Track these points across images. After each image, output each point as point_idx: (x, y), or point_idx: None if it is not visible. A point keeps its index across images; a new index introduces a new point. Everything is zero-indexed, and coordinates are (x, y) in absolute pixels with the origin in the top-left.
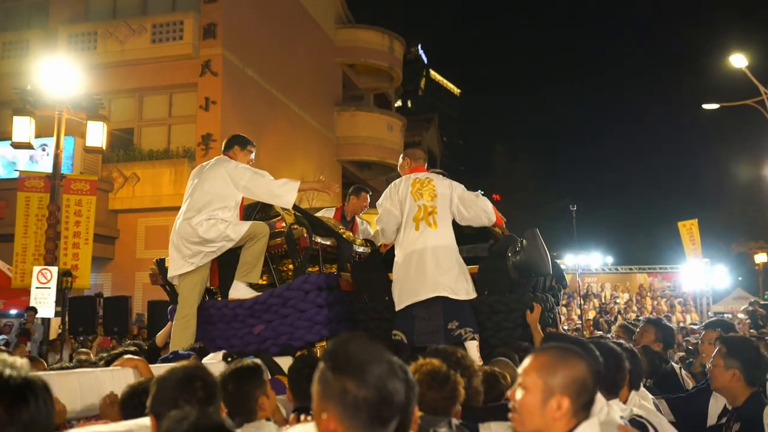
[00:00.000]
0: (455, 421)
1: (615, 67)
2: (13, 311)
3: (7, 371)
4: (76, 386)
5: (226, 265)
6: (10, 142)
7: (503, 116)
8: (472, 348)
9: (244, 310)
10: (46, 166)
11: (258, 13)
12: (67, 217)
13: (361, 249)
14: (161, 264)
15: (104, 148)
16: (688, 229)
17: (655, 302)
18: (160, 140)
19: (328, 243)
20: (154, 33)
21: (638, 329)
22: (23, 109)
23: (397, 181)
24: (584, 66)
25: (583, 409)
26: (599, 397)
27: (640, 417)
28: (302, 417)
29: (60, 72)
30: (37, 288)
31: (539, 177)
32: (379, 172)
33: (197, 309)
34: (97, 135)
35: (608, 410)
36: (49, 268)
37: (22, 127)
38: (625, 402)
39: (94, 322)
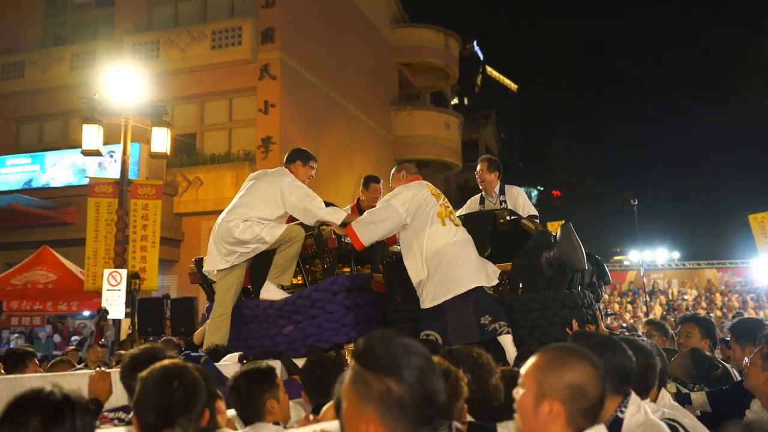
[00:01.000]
0: (457, 424)
1: (678, 55)
2: (86, 313)
3: (48, 387)
4: (82, 386)
5: (258, 265)
6: (80, 149)
7: (562, 111)
8: (508, 342)
9: (274, 311)
10: (113, 172)
11: (314, 15)
12: (135, 221)
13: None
14: (199, 263)
15: (168, 153)
16: (760, 222)
17: (726, 298)
18: (222, 144)
19: None
20: (214, 39)
21: (679, 331)
22: (92, 118)
23: (412, 184)
24: (645, 55)
25: (583, 416)
26: (634, 398)
27: (672, 420)
28: (311, 417)
29: (125, 81)
30: (107, 290)
31: (599, 172)
32: (437, 170)
33: (232, 309)
34: (161, 141)
35: (645, 411)
36: (119, 270)
37: (91, 135)
38: (654, 401)
39: (162, 322)
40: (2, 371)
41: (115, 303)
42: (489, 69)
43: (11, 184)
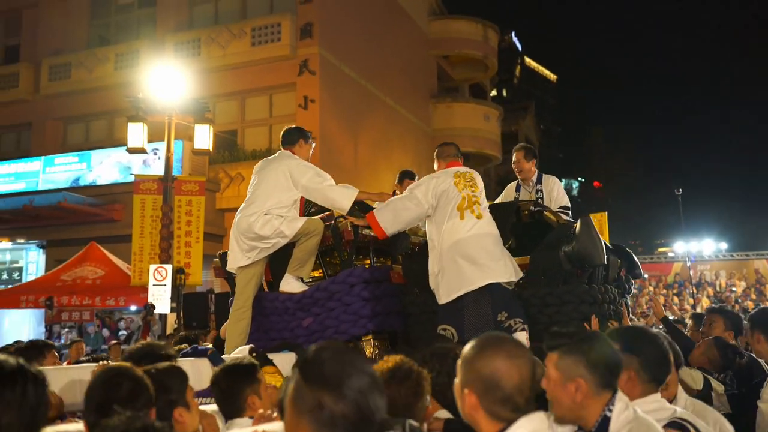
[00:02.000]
0: (412, 422)
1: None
2: (133, 307)
3: (3, 357)
4: (75, 380)
5: (279, 258)
6: (125, 147)
7: (602, 101)
8: (522, 339)
9: (293, 303)
10: (158, 169)
11: (352, 10)
12: (179, 217)
13: (419, 239)
14: (223, 257)
15: (211, 149)
16: None
17: None
18: (262, 140)
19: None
20: (254, 36)
21: (704, 321)
22: (136, 116)
23: (438, 173)
24: (687, 41)
25: (500, 406)
26: (621, 396)
27: (682, 419)
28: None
29: (168, 79)
30: (153, 285)
31: (641, 162)
32: (477, 163)
33: (254, 301)
34: (203, 137)
35: (634, 409)
36: (164, 266)
37: (136, 133)
38: (671, 400)
39: (207, 316)
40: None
41: (161, 298)
42: (528, 60)
43: (59, 183)
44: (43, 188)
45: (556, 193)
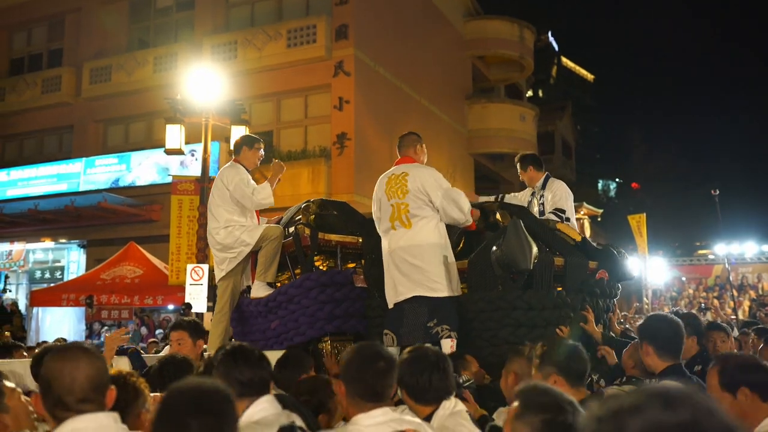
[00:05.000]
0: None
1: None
2: (171, 306)
3: None
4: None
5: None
6: (163, 149)
7: (640, 101)
8: (446, 347)
9: (262, 307)
10: (195, 170)
11: (387, 11)
12: None
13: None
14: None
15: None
16: None
17: None
18: (298, 141)
19: (349, 240)
20: (289, 38)
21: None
22: (174, 118)
23: (380, 177)
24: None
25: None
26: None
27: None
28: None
29: (205, 81)
30: (190, 285)
31: (680, 162)
32: (513, 163)
33: (236, 307)
34: None
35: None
36: (201, 266)
37: (174, 135)
38: None
39: None
40: None
41: (198, 297)
42: (564, 60)
43: (100, 184)
44: (84, 189)
45: (551, 195)
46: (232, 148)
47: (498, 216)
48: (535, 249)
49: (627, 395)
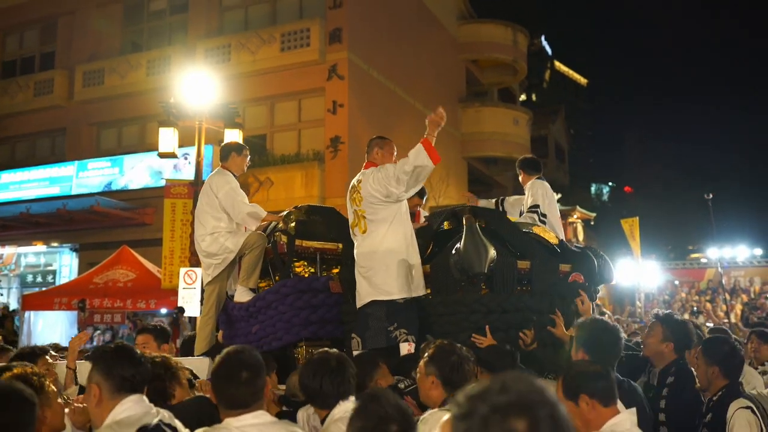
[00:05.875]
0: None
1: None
2: (163, 310)
3: None
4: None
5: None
6: (156, 152)
7: (634, 105)
8: (403, 350)
9: (244, 311)
10: (188, 173)
11: (381, 14)
12: None
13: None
14: None
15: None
16: None
17: None
18: (291, 145)
19: (328, 247)
20: (283, 41)
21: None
22: (167, 121)
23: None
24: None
25: None
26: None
27: None
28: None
29: (199, 85)
30: (183, 288)
31: (674, 167)
32: (506, 167)
33: (222, 311)
34: None
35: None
36: (194, 269)
37: (167, 138)
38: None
39: None
40: None
41: (191, 301)
42: (557, 64)
43: (92, 187)
44: (76, 192)
45: (528, 194)
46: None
47: (464, 220)
48: (492, 252)
49: (479, 384)
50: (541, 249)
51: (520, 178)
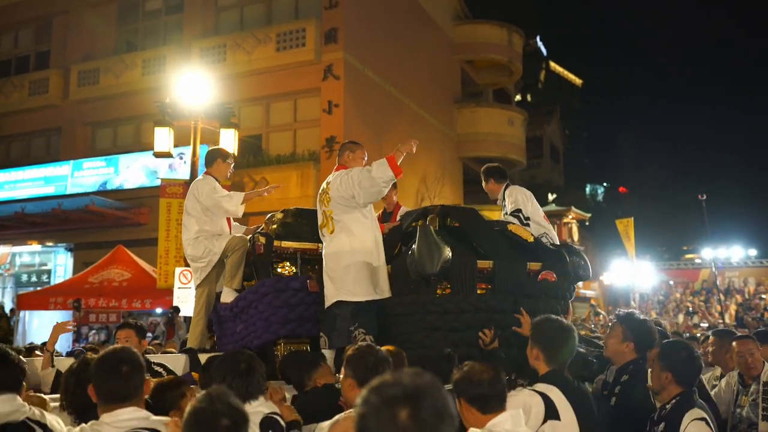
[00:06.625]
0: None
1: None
2: (159, 310)
3: None
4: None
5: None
6: (152, 152)
7: (629, 106)
8: None
9: (229, 312)
10: (183, 173)
11: (377, 15)
12: None
13: None
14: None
15: (236, 154)
16: None
17: None
18: (287, 145)
19: (307, 247)
20: (279, 41)
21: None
22: (163, 121)
23: None
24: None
25: None
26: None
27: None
28: None
29: (194, 84)
30: (179, 288)
31: (668, 167)
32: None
33: (213, 312)
34: (229, 142)
35: None
36: (189, 269)
37: (163, 138)
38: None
39: None
40: None
41: (186, 300)
42: (553, 64)
43: (87, 187)
44: (71, 192)
45: (507, 201)
46: (204, 159)
47: (428, 220)
48: (446, 253)
49: (381, 378)
50: (510, 247)
51: (486, 187)
